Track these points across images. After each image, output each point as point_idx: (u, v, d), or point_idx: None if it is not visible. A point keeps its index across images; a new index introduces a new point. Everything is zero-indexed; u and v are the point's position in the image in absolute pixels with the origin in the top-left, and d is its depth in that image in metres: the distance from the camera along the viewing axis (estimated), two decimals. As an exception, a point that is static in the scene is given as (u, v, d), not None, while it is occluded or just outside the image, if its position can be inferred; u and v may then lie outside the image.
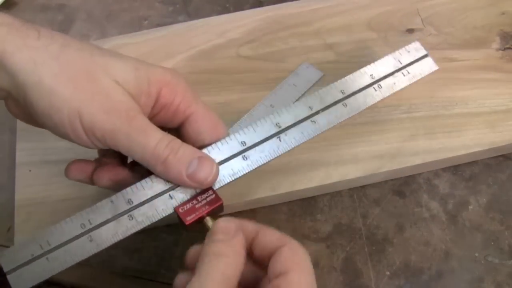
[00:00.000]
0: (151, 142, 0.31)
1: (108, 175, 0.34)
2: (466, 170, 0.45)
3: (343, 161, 0.43)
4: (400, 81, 0.39)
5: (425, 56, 0.41)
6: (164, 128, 0.34)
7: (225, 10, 0.56)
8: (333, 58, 0.50)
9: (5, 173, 0.45)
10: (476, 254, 0.41)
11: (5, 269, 0.31)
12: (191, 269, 0.32)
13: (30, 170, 0.44)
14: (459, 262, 0.41)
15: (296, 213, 0.43)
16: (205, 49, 0.50)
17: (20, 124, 0.46)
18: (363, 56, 0.50)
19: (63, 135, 0.31)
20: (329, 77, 0.48)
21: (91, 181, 0.35)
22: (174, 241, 0.42)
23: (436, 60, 0.49)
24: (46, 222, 0.41)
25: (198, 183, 0.32)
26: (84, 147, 0.32)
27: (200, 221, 0.33)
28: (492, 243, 0.42)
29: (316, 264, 0.41)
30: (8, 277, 0.31)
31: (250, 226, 0.32)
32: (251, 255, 0.32)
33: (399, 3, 0.53)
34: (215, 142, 0.34)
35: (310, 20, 0.52)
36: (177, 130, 0.35)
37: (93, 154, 0.44)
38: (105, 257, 0.41)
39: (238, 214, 0.43)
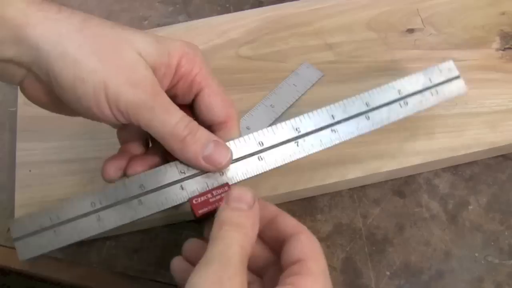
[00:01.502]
0: (172, 120, 0.31)
1: (142, 167, 0.34)
2: (466, 170, 0.45)
3: (343, 161, 0.43)
4: (427, 100, 0.38)
5: (457, 77, 0.39)
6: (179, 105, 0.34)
7: (225, 10, 0.56)
8: (333, 58, 0.50)
9: (5, 173, 0.45)
10: (476, 254, 0.41)
11: (13, 236, 0.32)
12: (190, 261, 0.32)
13: (30, 170, 0.44)
14: (459, 262, 0.41)
15: (296, 213, 0.43)
16: (205, 49, 0.50)
17: (20, 124, 0.46)
18: (363, 56, 0.50)
19: (86, 109, 0.31)
20: (329, 77, 0.48)
21: (125, 175, 0.35)
22: (174, 241, 0.42)
23: (436, 60, 0.49)
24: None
25: (213, 165, 0.32)
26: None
27: (212, 214, 0.33)
28: (492, 243, 0.42)
29: (316, 264, 0.41)
30: (15, 243, 0.32)
31: (271, 207, 0.33)
32: (262, 236, 0.32)
33: (399, 3, 0.53)
34: (224, 121, 0.35)
35: (310, 20, 0.52)
36: (190, 108, 0.36)
37: (94, 153, 0.44)
38: (105, 257, 0.41)
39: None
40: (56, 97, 0.31)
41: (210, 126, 0.35)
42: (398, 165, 0.43)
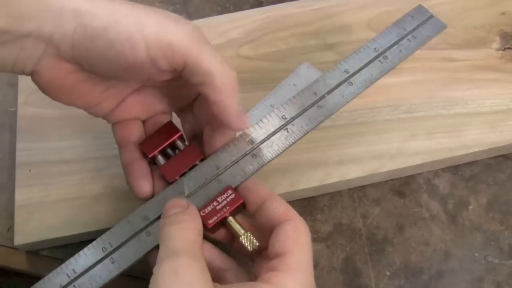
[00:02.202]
0: (218, 59, 0.30)
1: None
2: (466, 170, 0.45)
3: (343, 161, 0.43)
4: (407, 48, 0.38)
5: (431, 17, 0.39)
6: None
7: (225, 10, 0.56)
8: (333, 58, 0.50)
9: (5, 173, 0.45)
10: (476, 254, 0.41)
11: None
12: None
13: (30, 170, 0.44)
14: (459, 262, 0.41)
15: (296, 213, 0.43)
16: (205, 49, 0.50)
17: (20, 124, 0.46)
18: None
19: (117, 56, 0.29)
20: (329, 77, 0.48)
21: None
22: (174, 241, 0.42)
23: (436, 60, 0.49)
24: (46, 222, 0.41)
25: (241, 124, 0.33)
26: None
27: (223, 222, 0.33)
28: (492, 243, 0.42)
29: (316, 264, 0.41)
30: None
31: (262, 190, 0.32)
32: (254, 221, 0.32)
33: (399, 3, 0.53)
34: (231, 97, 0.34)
35: (310, 20, 0.52)
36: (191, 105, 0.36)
37: (94, 153, 0.44)
38: (105, 257, 0.41)
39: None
40: (72, 81, 0.31)
41: (212, 122, 0.35)
42: (398, 165, 0.43)
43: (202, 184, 0.34)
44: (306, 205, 0.43)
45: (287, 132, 0.35)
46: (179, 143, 0.36)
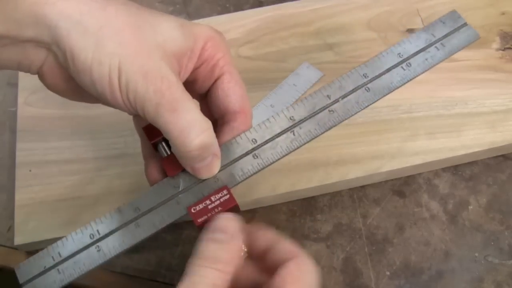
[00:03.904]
0: (177, 125, 0.29)
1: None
2: (466, 170, 0.45)
3: (343, 161, 0.43)
4: (433, 57, 0.36)
5: (464, 25, 0.36)
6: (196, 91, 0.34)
7: (225, 10, 0.56)
8: (333, 58, 0.50)
9: (5, 173, 0.45)
10: (476, 254, 0.41)
11: (20, 281, 0.32)
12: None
13: (30, 170, 0.44)
14: (459, 262, 0.41)
15: (296, 213, 0.43)
16: (205, 49, 0.50)
17: (20, 124, 0.46)
18: (363, 56, 0.50)
19: (100, 94, 0.29)
20: (329, 77, 0.48)
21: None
22: (174, 241, 0.42)
23: (436, 60, 0.49)
24: (46, 222, 0.41)
25: (198, 175, 0.31)
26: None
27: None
28: (492, 243, 0.42)
29: (316, 264, 0.41)
30: None
31: (268, 234, 0.31)
32: (263, 263, 0.31)
33: (399, 3, 0.53)
34: (239, 111, 0.33)
35: (310, 20, 0.52)
36: (203, 97, 0.35)
37: (94, 153, 0.44)
38: (105, 257, 0.41)
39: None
40: (75, 85, 0.30)
41: (222, 117, 0.34)
42: (398, 165, 0.43)
43: (198, 180, 0.32)
44: (306, 205, 0.44)
45: (294, 135, 0.33)
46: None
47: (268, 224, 0.42)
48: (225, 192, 0.32)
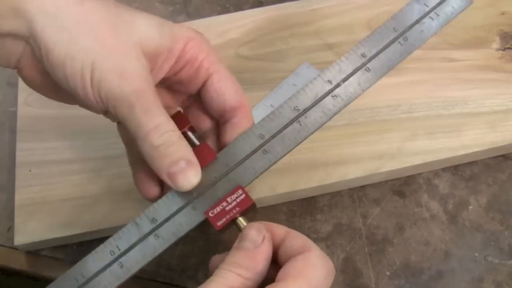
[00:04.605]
0: (149, 124, 0.29)
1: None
2: (466, 170, 0.45)
3: (343, 161, 0.43)
4: (429, 28, 0.34)
5: None
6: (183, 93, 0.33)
7: (225, 10, 0.56)
8: (333, 58, 0.49)
9: (5, 173, 0.45)
10: (476, 254, 0.41)
11: None
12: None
13: (30, 170, 0.44)
14: (459, 262, 0.41)
15: (296, 213, 0.43)
16: (205, 49, 0.50)
17: (20, 124, 0.46)
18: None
19: (72, 90, 0.29)
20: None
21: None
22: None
23: (436, 60, 0.49)
24: (46, 222, 0.41)
25: (175, 185, 0.30)
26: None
27: (233, 223, 0.32)
28: (492, 243, 0.42)
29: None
30: None
31: (279, 231, 0.31)
32: (277, 260, 0.31)
33: (399, 3, 0.53)
34: (237, 107, 0.33)
35: (310, 20, 0.52)
36: (198, 97, 0.34)
37: (94, 153, 0.44)
38: (105, 257, 0.41)
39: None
40: (51, 78, 0.30)
41: (222, 116, 0.33)
42: (398, 165, 0.43)
43: (210, 183, 0.32)
44: (306, 205, 0.44)
45: (300, 125, 0.33)
46: (190, 134, 0.33)
47: (268, 224, 0.42)
48: (240, 192, 0.32)
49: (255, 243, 0.29)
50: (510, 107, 0.46)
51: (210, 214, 0.31)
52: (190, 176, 0.30)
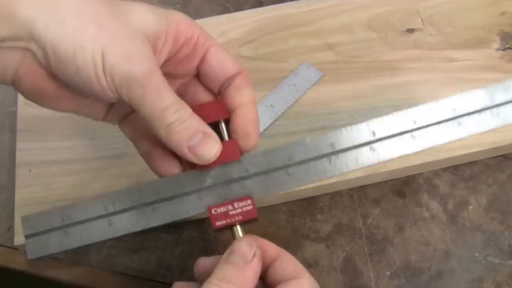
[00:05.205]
0: (163, 102, 0.30)
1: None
2: (466, 170, 0.45)
3: (343, 161, 0.43)
4: (485, 122, 0.34)
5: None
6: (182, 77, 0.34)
7: (225, 10, 0.56)
8: (333, 58, 0.50)
9: (5, 173, 0.45)
10: (476, 254, 0.41)
11: (25, 233, 0.31)
12: (199, 280, 0.31)
13: (30, 170, 0.44)
14: (459, 262, 0.41)
15: (296, 213, 0.43)
16: (205, 49, 0.50)
17: (20, 124, 0.46)
18: (363, 56, 0.50)
19: (84, 82, 0.29)
20: (329, 77, 0.48)
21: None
22: (174, 241, 0.42)
23: (436, 60, 0.49)
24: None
25: (197, 157, 0.30)
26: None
27: (230, 227, 0.32)
28: (492, 243, 0.42)
29: (316, 264, 0.41)
30: (26, 241, 0.31)
31: (271, 250, 0.31)
32: (265, 279, 0.31)
33: (399, 3, 0.53)
34: (237, 72, 0.34)
35: (310, 20, 0.52)
36: (193, 80, 0.35)
37: (94, 153, 0.44)
38: (105, 257, 0.41)
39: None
40: (55, 85, 0.30)
41: (223, 83, 0.34)
42: (398, 165, 0.43)
43: (224, 181, 0.32)
44: (306, 205, 0.43)
45: (330, 163, 0.32)
46: (221, 127, 0.33)
47: (268, 224, 0.42)
48: (249, 202, 0.32)
49: (246, 259, 0.29)
50: (510, 107, 0.46)
51: (213, 211, 0.31)
52: (210, 145, 0.31)
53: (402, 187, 0.44)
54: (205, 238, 0.42)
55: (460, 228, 0.43)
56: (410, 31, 0.52)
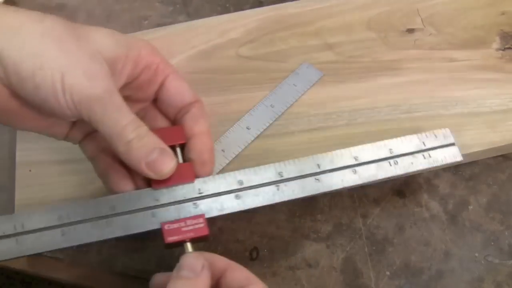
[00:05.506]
0: (123, 121, 0.31)
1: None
2: (466, 170, 0.45)
3: (343, 161, 0.43)
4: (418, 163, 0.38)
5: (452, 144, 0.39)
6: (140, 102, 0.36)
7: (225, 10, 0.56)
8: (333, 58, 0.50)
9: (5, 173, 0.45)
10: (476, 254, 0.41)
11: None
12: None
13: (30, 170, 0.44)
14: (459, 262, 0.41)
15: (296, 213, 0.43)
16: (205, 49, 0.50)
17: (20, 124, 0.46)
18: (363, 56, 0.50)
19: (43, 100, 0.30)
20: (329, 77, 0.48)
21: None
22: (174, 241, 0.42)
23: (436, 60, 0.49)
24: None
25: (154, 172, 0.32)
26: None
27: (181, 244, 0.33)
28: (492, 243, 0.42)
29: (316, 264, 0.41)
30: None
31: (220, 262, 0.32)
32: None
33: (399, 3, 0.53)
34: (194, 100, 0.35)
35: (310, 20, 0.52)
36: (152, 106, 0.37)
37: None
38: (105, 257, 0.41)
39: (238, 214, 0.43)
40: (17, 103, 0.31)
41: (179, 112, 0.36)
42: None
43: (178, 200, 0.33)
44: (306, 205, 0.43)
45: (278, 189, 0.35)
46: (178, 150, 0.36)
47: (268, 224, 0.42)
48: (201, 220, 0.33)
49: (195, 272, 0.30)
50: (510, 107, 0.46)
51: (166, 227, 0.32)
52: (167, 161, 0.32)
53: (402, 187, 0.44)
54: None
55: (460, 228, 0.43)
56: (410, 31, 0.52)
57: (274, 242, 0.42)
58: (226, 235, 0.42)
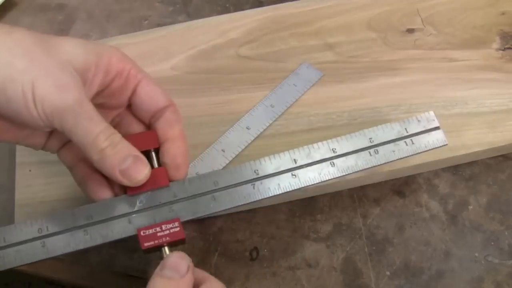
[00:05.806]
0: (95, 129, 0.31)
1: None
2: (466, 170, 0.45)
3: (343, 161, 0.43)
4: (400, 150, 0.37)
5: (437, 128, 0.38)
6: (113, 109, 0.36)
7: (225, 10, 0.56)
8: (333, 58, 0.50)
9: (5, 173, 0.45)
10: (476, 254, 0.41)
11: None
12: None
13: (30, 170, 0.44)
14: (459, 262, 0.41)
15: (296, 213, 0.43)
16: (205, 49, 0.50)
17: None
18: (363, 56, 0.50)
19: (15, 112, 0.30)
20: (329, 77, 0.48)
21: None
22: (174, 241, 0.42)
23: (436, 60, 0.49)
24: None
25: (128, 179, 0.32)
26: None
27: (158, 248, 0.33)
28: (492, 243, 0.42)
29: (316, 264, 0.41)
30: None
31: (198, 273, 0.32)
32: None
33: (399, 3, 0.53)
34: (168, 104, 0.35)
35: (310, 20, 0.52)
36: (126, 112, 0.37)
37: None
38: (105, 257, 0.41)
39: (238, 214, 0.43)
40: None
41: (153, 116, 0.36)
42: (398, 165, 0.43)
43: (153, 205, 0.33)
44: (306, 205, 0.44)
45: (253, 188, 0.35)
46: (153, 155, 0.35)
47: (268, 224, 0.42)
48: (176, 224, 0.33)
49: (180, 272, 0.30)
50: (510, 107, 0.46)
51: (142, 233, 0.33)
52: (141, 168, 0.32)
53: (402, 187, 0.44)
54: (205, 238, 0.42)
55: (460, 228, 0.43)
56: (410, 31, 0.52)
57: (274, 242, 0.42)
58: (226, 235, 0.42)
